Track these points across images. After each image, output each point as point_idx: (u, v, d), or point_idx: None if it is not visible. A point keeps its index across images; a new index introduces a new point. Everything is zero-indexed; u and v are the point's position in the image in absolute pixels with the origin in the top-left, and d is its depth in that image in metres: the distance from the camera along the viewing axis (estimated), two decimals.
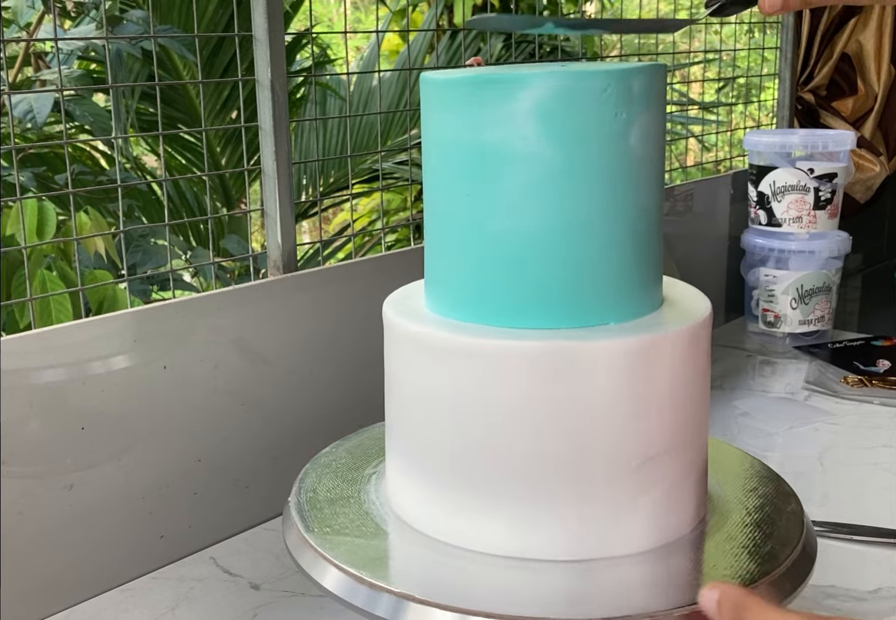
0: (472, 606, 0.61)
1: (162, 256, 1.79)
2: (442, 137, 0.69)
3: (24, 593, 0.85)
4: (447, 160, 0.69)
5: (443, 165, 0.70)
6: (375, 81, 2.79)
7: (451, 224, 0.70)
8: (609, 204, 0.67)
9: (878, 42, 1.88)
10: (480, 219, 0.67)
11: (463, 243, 0.69)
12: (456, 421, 0.68)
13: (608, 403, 0.65)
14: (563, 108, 0.64)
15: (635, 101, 0.66)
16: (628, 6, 2.56)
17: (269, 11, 1.01)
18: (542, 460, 0.66)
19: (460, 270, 0.70)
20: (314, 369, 1.06)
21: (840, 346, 1.54)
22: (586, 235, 0.66)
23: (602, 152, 0.66)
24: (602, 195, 0.66)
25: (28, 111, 1.60)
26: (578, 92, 0.64)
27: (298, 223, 1.67)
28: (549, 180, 0.65)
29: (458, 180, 0.68)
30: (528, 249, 0.66)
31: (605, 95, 0.65)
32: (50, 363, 0.86)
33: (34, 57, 2.18)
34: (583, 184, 0.66)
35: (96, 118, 1.73)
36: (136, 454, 0.92)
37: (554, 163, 0.65)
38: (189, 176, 2.65)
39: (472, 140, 0.67)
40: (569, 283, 0.67)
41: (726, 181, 1.72)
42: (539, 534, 0.67)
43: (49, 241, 1.41)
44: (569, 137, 0.65)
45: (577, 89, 0.64)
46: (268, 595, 0.89)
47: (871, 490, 1.08)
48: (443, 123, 0.69)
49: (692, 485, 0.71)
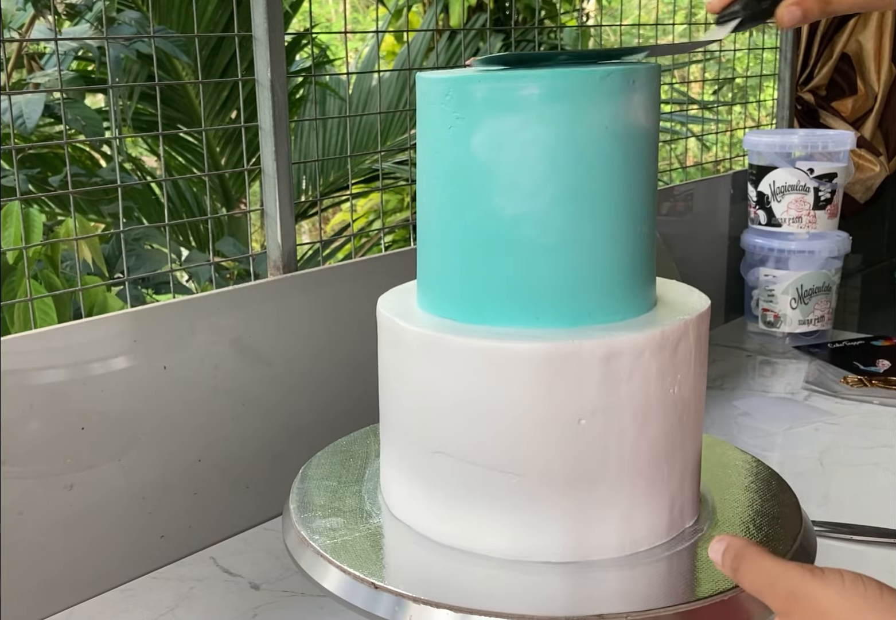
0: (471, 605, 0.61)
1: (155, 260, 1.79)
2: (436, 137, 0.69)
3: (24, 593, 0.85)
4: (441, 159, 0.69)
5: (436, 164, 0.70)
6: (374, 81, 2.79)
7: (444, 223, 0.70)
8: (602, 203, 0.67)
9: (878, 42, 1.88)
10: (473, 218, 0.68)
11: (455, 242, 0.69)
12: (447, 421, 0.68)
13: (602, 401, 0.65)
14: (557, 107, 0.64)
15: (629, 100, 0.66)
16: (627, 6, 2.55)
17: (268, 11, 1.01)
18: (537, 460, 0.66)
19: (451, 268, 0.70)
20: (314, 369, 1.06)
21: (840, 346, 1.54)
22: (578, 234, 0.66)
23: (595, 152, 0.66)
24: (595, 195, 0.66)
25: (18, 116, 1.59)
26: (571, 91, 0.64)
27: (298, 224, 1.66)
28: (541, 180, 0.65)
29: (450, 179, 0.68)
30: (520, 248, 0.67)
31: (599, 94, 0.65)
32: (50, 363, 0.86)
33: (27, 58, 2.18)
34: (576, 184, 0.66)
35: (88, 121, 1.72)
36: (136, 454, 0.92)
37: (547, 162, 0.65)
38: (189, 176, 2.65)
39: (465, 139, 0.67)
40: (561, 282, 0.67)
41: (726, 181, 1.72)
42: (537, 535, 0.67)
43: (46, 242, 1.41)
44: (562, 136, 0.65)
45: (571, 89, 0.64)
46: (268, 595, 0.89)
47: (871, 490, 1.08)
48: (437, 122, 0.69)
49: (688, 484, 0.72)
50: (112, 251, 1.84)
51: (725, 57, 1.90)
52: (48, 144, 2.09)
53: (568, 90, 0.64)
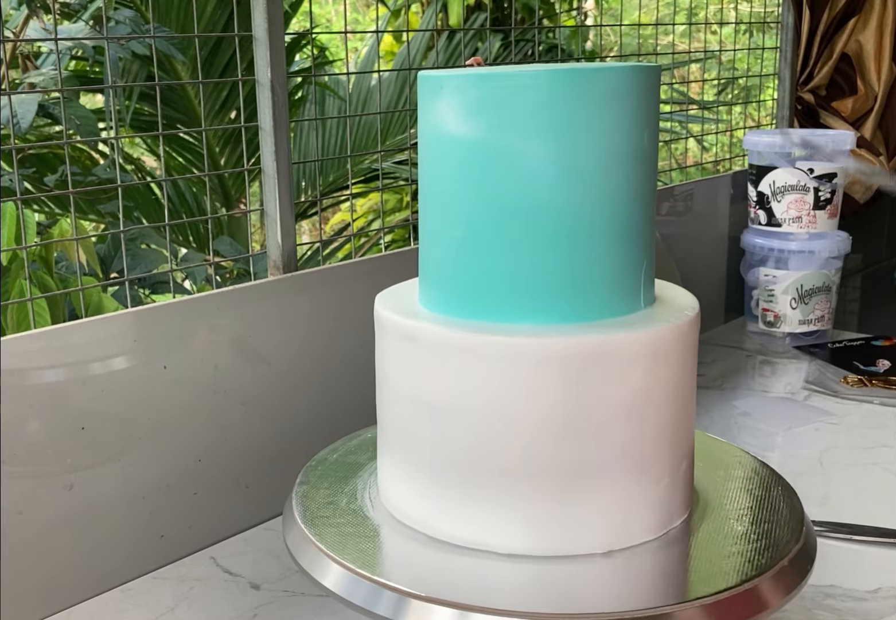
0: (471, 602, 0.62)
1: (151, 260, 1.78)
2: (437, 134, 0.69)
3: (24, 593, 0.85)
4: (442, 157, 0.69)
5: (437, 162, 0.70)
6: (374, 80, 2.79)
7: (445, 219, 0.70)
8: (601, 202, 0.67)
9: (878, 42, 1.87)
10: (473, 215, 0.68)
11: (455, 239, 0.70)
12: (445, 417, 0.68)
13: (597, 399, 0.65)
14: (558, 107, 0.65)
15: (629, 101, 0.66)
16: (627, 6, 2.55)
17: (268, 11, 1.01)
18: (534, 456, 0.66)
19: (452, 265, 0.70)
20: (314, 369, 1.06)
21: (840, 346, 1.54)
22: (577, 232, 0.67)
23: (596, 151, 0.66)
24: (594, 193, 0.67)
25: (13, 116, 1.58)
26: (574, 92, 0.65)
27: (297, 224, 1.66)
28: (542, 178, 0.66)
29: (451, 176, 0.69)
30: (520, 245, 0.67)
31: (601, 94, 0.65)
32: (50, 363, 0.86)
33: (22, 58, 2.17)
34: (576, 182, 0.66)
35: (83, 120, 1.72)
36: (136, 454, 0.92)
37: (548, 161, 0.66)
38: (188, 176, 2.65)
39: (466, 137, 0.67)
40: (560, 279, 0.67)
41: (726, 181, 1.72)
42: (535, 531, 0.67)
43: (43, 242, 1.40)
44: (562, 136, 0.65)
45: (573, 89, 0.65)
46: (268, 595, 0.89)
47: (871, 490, 1.08)
48: (438, 120, 0.69)
49: (681, 481, 0.72)
50: (107, 251, 1.84)
51: (726, 57, 1.90)
52: (48, 144, 2.09)
53: (569, 89, 0.65)
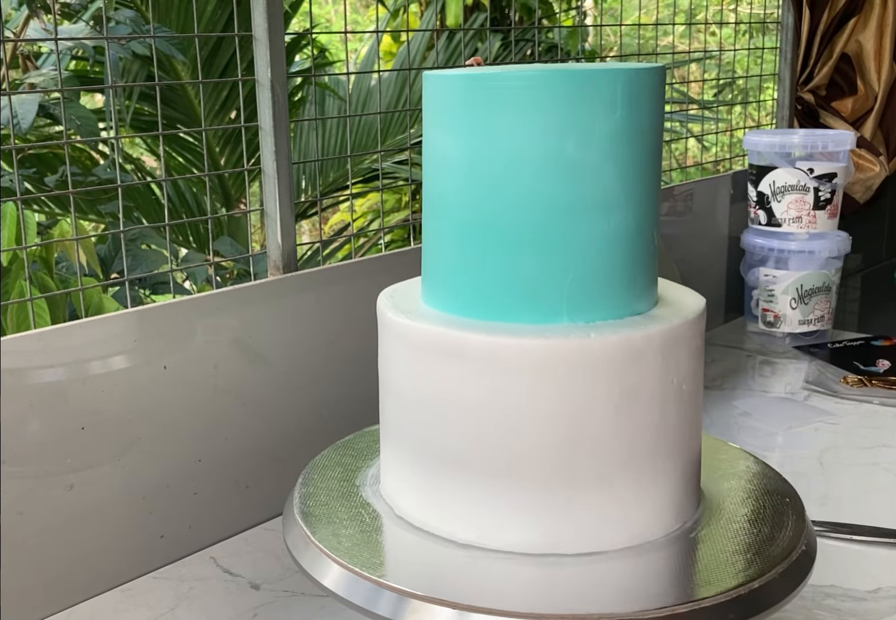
0: (471, 602, 0.62)
1: (152, 261, 1.78)
2: (442, 133, 0.69)
3: (24, 593, 0.85)
4: (444, 155, 0.69)
5: (440, 160, 0.70)
6: (374, 80, 2.79)
7: (447, 218, 0.70)
8: (604, 202, 0.67)
9: (878, 42, 1.87)
10: (477, 214, 0.68)
11: (458, 238, 0.70)
12: (448, 416, 0.68)
13: (600, 398, 0.65)
14: (562, 107, 0.65)
15: (633, 101, 0.66)
16: (627, 6, 2.55)
17: (268, 11, 1.01)
18: (536, 455, 0.66)
19: (454, 264, 0.70)
20: (314, 369, 1.06)
21: (840, 346, 1.54)
22: (581, 232, 0.67)
23: (599, 151, 0.66)
24: (598, 193, 0.67)
25: (13, 116, 1.58)
26: (577, 92, 0.65)
27: (297, 224, 1.66)
28: (546, 177, 0.66)
29: (454, 175, 0.69)
30: (522, 244, 0.67)
31: (604, 95, 0.65)
32: (50, 363, 0.86)
33: (22, 58, 2.18)
34: (579, 181, 0.66)
35: (83, 120, 1.72)
36: (136, 454, 0.92)
37: (551, 160, 0.65)
38: (188, 176, 2.65)
39: (471, 136, 0.67)
40: (563, 279, 0.67)
41: (726, 181, 1.72)
42: (536, 530, 0.67)
43: (43, 242, 1.40)
44: (568, 135, 0.65)
45: (577, 89, 0.65)
46: (268, 595, 0.89)
47: (871, 490, 1.08)
48: (443, 119, 0.69)
49: (686, 482, 0.72)
50: (108, 252, 1.84)
51: (725, 58, 1.90)
52: (48, 144, 2.09)
53: (573, 89, 0.65)
